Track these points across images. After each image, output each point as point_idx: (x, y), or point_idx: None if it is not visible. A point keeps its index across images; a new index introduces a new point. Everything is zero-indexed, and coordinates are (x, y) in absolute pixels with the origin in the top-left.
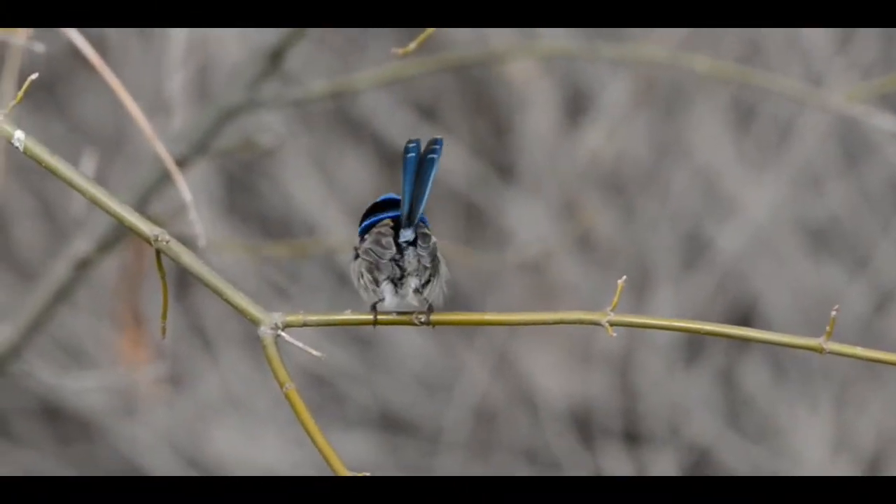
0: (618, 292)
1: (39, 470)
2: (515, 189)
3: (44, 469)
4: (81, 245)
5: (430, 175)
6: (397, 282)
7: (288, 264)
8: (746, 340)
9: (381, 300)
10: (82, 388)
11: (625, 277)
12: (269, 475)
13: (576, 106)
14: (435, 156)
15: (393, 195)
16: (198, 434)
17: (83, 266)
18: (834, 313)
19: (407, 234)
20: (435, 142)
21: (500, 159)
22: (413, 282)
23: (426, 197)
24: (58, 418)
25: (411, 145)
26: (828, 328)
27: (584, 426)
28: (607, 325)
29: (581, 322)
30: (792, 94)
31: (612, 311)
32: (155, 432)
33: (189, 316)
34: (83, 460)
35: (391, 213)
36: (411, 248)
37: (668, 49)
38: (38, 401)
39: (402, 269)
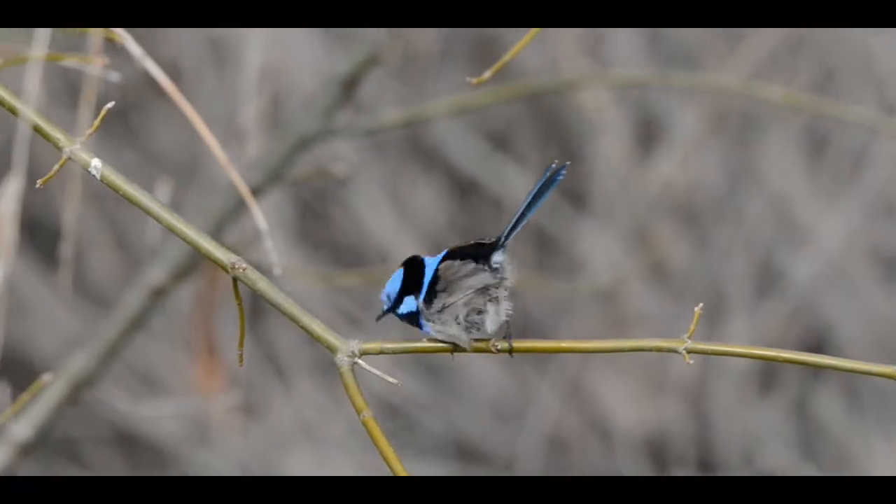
0: (695, 319)
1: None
2: (587, 217)
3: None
4: (156, 273)
5: (539, 201)
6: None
7: (360, 293)
8: (822, 368)
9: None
10: (156, 416)
11: (702, 305)
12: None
13: (647, 133)
14: (553, 183)
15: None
16: (271, 462)
17: (158, 294)
18: None
19: (499, 258)
20: (560, 169)
21: (572, 187)
22: (505, 304)
23: (523, 222)
24: (131, 446)
25: (552, 168)
26: None
27: (657, 455)
28: (685, 352)
29: (658, 349)
30: (865, 123)
31: (688, 338)
32: (228, 461)
33: (262, 344)
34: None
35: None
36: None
37: (740, 78)
38: (112, 429)
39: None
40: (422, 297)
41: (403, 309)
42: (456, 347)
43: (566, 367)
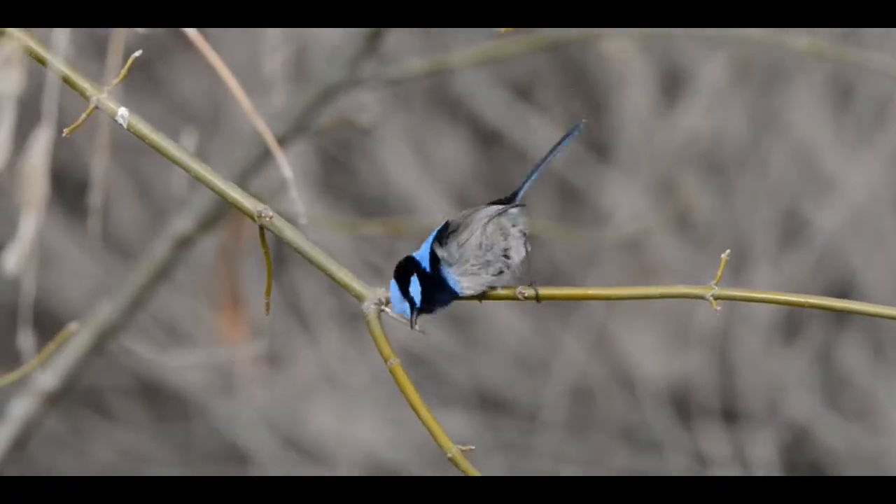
0: (721, 266)
1: (137, 448)
2: (612, 168)
3: (141, 447)
4: (181, 223)
5: (550, 157)
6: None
7: (383, 243)
8: (850, 313)
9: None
10: (181, 367)
11: (728, 251)
12: (366, 453)
13: (672, 84)
14: (566, 140)
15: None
16: (295, 412)
17: (184, 244)
18: None
19: (513, 211)
20: (575, 127)
21: (596, 138)
22: (523, 240)
23: (534, 178)
24: (156, 397)
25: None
26: None
27: (681, 404)
28: (712, 298)
29: (685, 296)
30: (890, 71)
31: (715, 284)
32: (253, 410)
33: (285, 294)
34: (181, 439)
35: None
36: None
37: (765, 28)
38: (137, 379)
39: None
40: (428, 246)
41: (415, 291)
42: (482, 294)
43: (591, 317)
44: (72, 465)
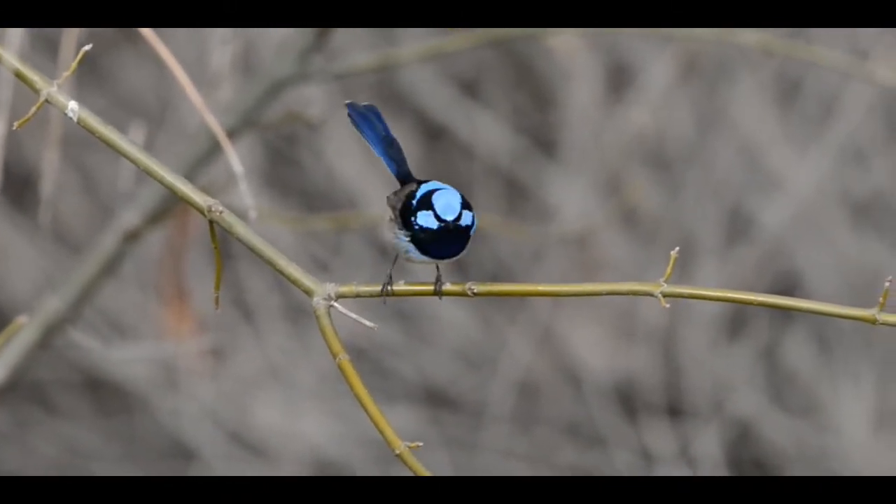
0: (671, 263)
1: (81, 442)
2: (558, 164)
3: (86, 442)
4: (129, 217)
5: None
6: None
7: (330, 238)
8: (798, 311)
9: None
10: (126, 361)
11: (678, 249)
12: (312, 449)
13: (619, 80)
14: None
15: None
16: (240, 407)
17: (131, 238)
18: (888, 284)
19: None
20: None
21: (542, 134)
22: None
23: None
24: (101, 391)
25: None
26: (881, 299)
27: (627, 401)
28: (660, 296)
29: (634, 293)
30: (837, 67)
31: (664, 282)
32: (198, 405)
33: (232, 289)
34: (125, 433)
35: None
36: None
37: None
38: (82, 373)
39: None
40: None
41: (464, 221)
42: (437, 291)
43: (536, 313)
44: (15, 460)
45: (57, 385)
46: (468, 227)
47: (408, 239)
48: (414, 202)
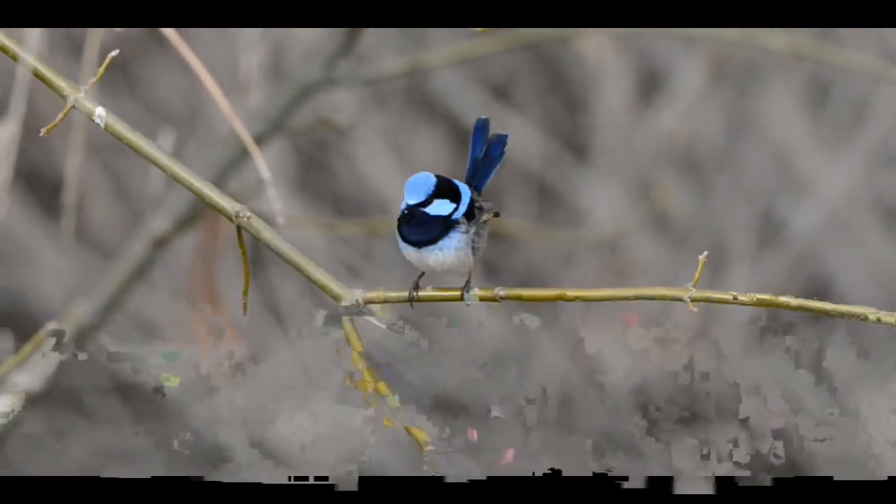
0: (699, 268)
1: (114, 446)
2: (589, 168)
3: (118, 446)
4: (158, 223)
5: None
6: None
7: (360, 243)
8: (827, 315)
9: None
10: (157, 366)
11: (706, 253)
12: (341, 454)
13: (649, 84)
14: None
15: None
16: (270, 412)
17: (161, 244)
18: None
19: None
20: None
21: (573, 138)
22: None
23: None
24: (132, 396)
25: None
26: None
27: (654, 407)
28: (688, 300)
29: (663, 298)
30: (867, 71)
31: (693, 286)
32: (229, 410)
33: (263, 294)
34: (157, 438)
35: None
36: None
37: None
38: (113, 378)
39: None
40: (463, 209)
41: (433, 210)
42: (463, 295)
43: (565, 318)
44: (49, 465)
45: (89, 390)
46: (439, 216)
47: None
48: None
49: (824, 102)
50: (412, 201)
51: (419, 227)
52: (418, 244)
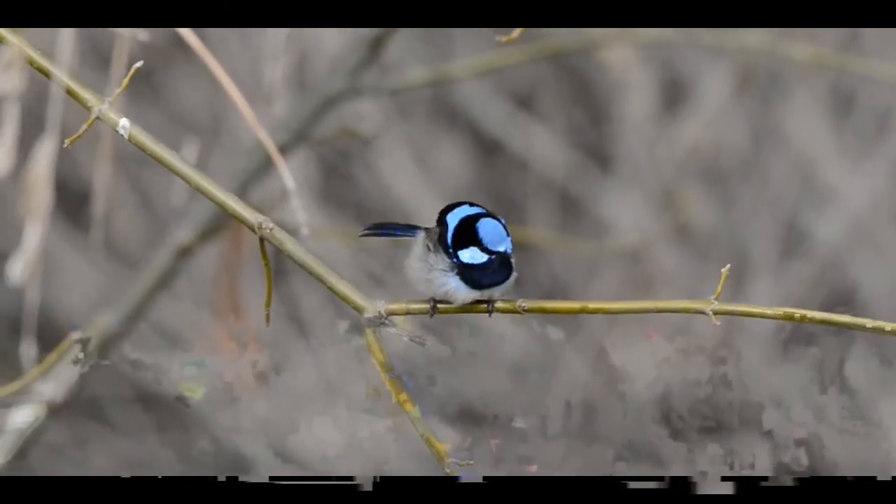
0: (721, 281)
1: (136, 456)
2: (613, 178)
3: (140, 455)
4: (182, 234)
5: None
6: None
7: (384, 253)
8: (850, 328)
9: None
10: (182, 375)
11: (729, 266)
12: (364, 464)
13: (673, 94)
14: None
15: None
16: (292, 422)
17: (184, 254)
18: None
19: None
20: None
21: (597, 148)
22: None
23: None
24: (155, 405)
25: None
26: None
27: (677, 416)
28: (711, 313)
29: (686, 311)
30: (891, 80)
31: (715, 299)
32: (251, 419)
33: (286, 304)
34: (180, 448)
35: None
36: None
37: (766, 37)
38: (137, 389)
39: None
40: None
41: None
42: (489, 305)
43: (589, 328)
44: (71, 474)
45: (112, 400)
46: (509, 256)
47: (454, 273)
48: (449, 235)
49: (848, 112)
50: (501, 249)
51: (498, 271)
52: (490, 286)
